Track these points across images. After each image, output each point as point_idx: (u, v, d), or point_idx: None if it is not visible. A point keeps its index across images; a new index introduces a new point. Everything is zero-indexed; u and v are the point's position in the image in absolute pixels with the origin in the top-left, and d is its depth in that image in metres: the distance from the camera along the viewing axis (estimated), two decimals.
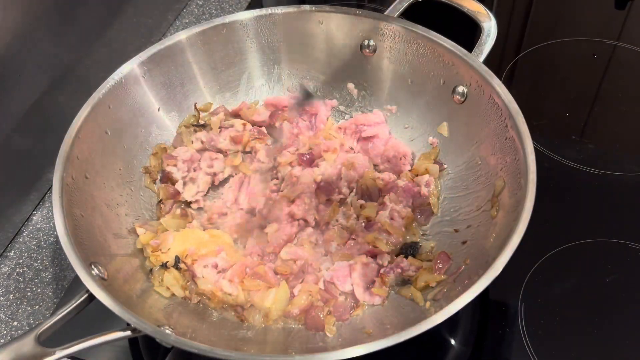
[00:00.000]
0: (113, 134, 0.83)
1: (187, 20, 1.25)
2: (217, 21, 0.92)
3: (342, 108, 0.99)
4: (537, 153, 0.95)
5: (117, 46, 1.03)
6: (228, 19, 0.92)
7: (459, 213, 0.83)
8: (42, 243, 0.91)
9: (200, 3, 1.29)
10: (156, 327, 0.63)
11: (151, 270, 0.78)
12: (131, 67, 0.86)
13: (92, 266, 0.68)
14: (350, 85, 0.98)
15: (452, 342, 0.78)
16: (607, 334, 0.77)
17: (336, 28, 0.94)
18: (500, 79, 0.81)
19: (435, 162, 0.89)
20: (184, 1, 1.27)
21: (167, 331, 0.65)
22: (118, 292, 0.68)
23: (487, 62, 0.85)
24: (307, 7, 0.93)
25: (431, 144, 0.91)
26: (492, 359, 0.75)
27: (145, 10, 1.12)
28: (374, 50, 0.93)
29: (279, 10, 0.93)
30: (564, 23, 1.23)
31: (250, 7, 1.25)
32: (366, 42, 0.93)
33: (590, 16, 1.25)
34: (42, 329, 0.62)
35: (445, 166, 0.88)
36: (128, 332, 0.62)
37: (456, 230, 0.81)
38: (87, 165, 0.78)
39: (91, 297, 0.64)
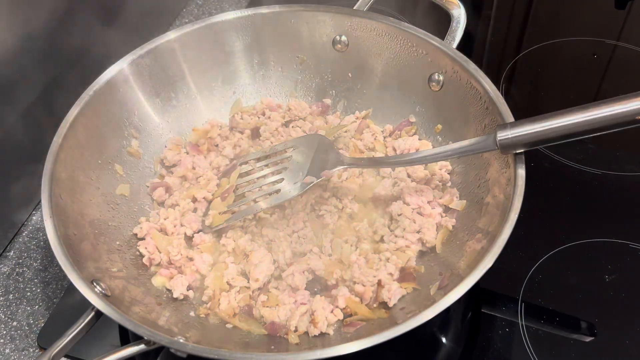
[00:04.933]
0: (93, 149, 0.83)
1: (187, 20, 1.25)
2: (197, 24, 0.92)
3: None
4: (538, 153, 0.96)
5: (117, 46, 1.03)
6: (207, 21, 0.93)
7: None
8: (42, 243, 0.91)
9: (200, 3, 1.29)
10: (170, 337, 0.62)
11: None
12: (110, 75, 0.86)
13: (94, 283, 0.68)
14: (326, 83, 0.99)
15: (447, 342, 0.78)
16: (607, 333, 0.76)
17: (307, 26, 0.95)
18: (500, 79, 0.81)
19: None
20: (184, 1, 1.27)
21: (181, 340, 0.65)
22: (122, 306, 0.68)
23: (487, 61, 0.86)
24: (276, 7, 0.94)
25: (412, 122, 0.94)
26: (492, 358, 0.75)
27: (145, 10, 1.12)
28: (347, 45, 0.94)
29: (249, 12, 0.94)
30: (564, 23, 1.23)
31: (249, 7, 1.25)
32: (338, 37, 0.94)
33: (590, 16, 1.25)
34: (56, 351, 0.62)
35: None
36: (142, 346, 0.62)
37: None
38: (72, 182, 0.77)
39: (98, 315, 0.64)
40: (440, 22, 0.91)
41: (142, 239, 0.82)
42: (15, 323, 0.82)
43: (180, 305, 0.77)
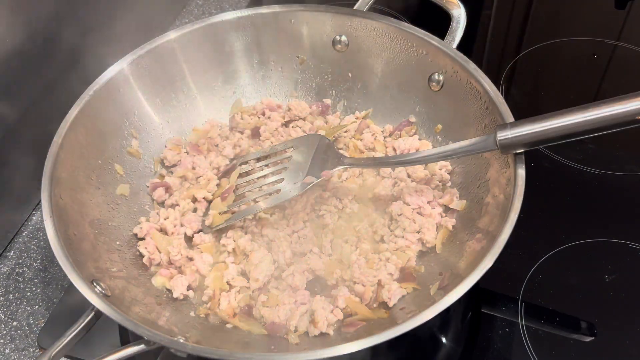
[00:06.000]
0: (93, 149, 0.83)
1: (187, 20, 1.25)
2: (197, 24, 0.92)
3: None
4: (538, 153, 0.96)
5: (117, 46, 1.03)
6: (207, 21, 0.93)
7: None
8: (42, 243, 0.91)
9: (200, 3, 1.29)
10: (170, 337, 0.62)
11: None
12: (110, 75, 0.86)
13: (94, 283, 0.68)
14: (326, 83, 0.99)
15: (447, 342, 0.78)
16: (607, 333, 0.77)
17: (307, 26, 0.95)
18: (500, 79, 0.81)
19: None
20: (184, 1, 1.27)
21: (181, 340, 0.65)
22: (122, 306, 0.68)
23: (487, 61, 0.86)
24: (276, 7, 0.94)
25: (412, 121, 0.94)
26: (492, 358, 0.75)
27: (145, 10, 1.12)
28: (347, 45, 0.95)
29: (249, 12, 0.94)
30: (564, 23, 1.23)
31: (249, 7, 1.25)
32: (338, 37, 0.94)
33: (590, 16, 1.25)
34: (56, 351, 0.62)
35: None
36: (142, 346, 0.62)
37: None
38: (72, 182, 0.77)
39: (98, 315, 0.64)
40: (440, 22, 0.91)
41: (142, 239, 0.82)
42: (15, 323, 0.82)
43: (180, 305, 0.77)
